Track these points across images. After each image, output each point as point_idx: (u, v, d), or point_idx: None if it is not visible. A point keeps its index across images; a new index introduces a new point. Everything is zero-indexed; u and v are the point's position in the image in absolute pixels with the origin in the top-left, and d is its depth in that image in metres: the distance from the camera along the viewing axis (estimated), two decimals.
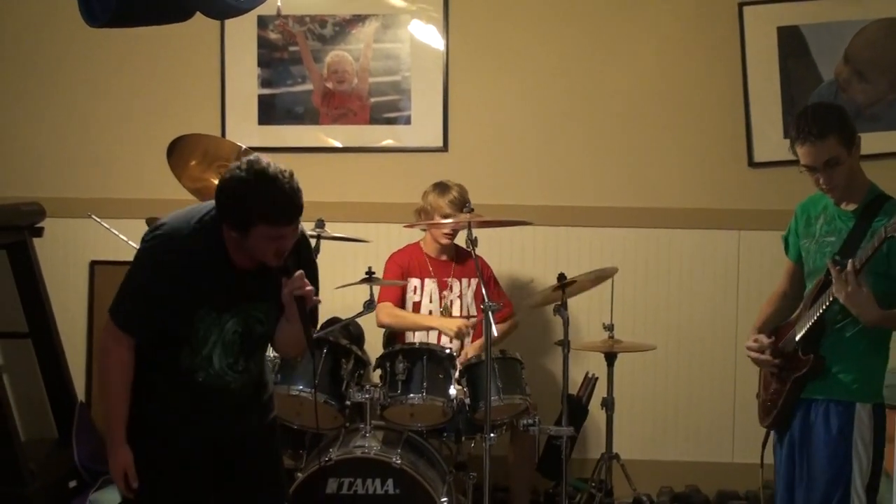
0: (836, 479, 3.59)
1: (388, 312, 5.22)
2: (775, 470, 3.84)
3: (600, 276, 4.94)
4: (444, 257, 5.35)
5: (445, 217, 5.13)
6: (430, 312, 5.28)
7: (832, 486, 3.59)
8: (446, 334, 5.15)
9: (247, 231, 3.17)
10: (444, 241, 5.29)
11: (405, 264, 5.32)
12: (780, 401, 3.74)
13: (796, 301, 3.83)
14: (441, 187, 5.25)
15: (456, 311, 5.27)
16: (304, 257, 3.47)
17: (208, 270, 3.30)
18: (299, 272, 3.30)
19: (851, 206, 3.66)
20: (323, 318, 5.32)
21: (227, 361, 3.40)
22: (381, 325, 5.29)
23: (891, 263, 3.54)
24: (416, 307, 5.29)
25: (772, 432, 3.90)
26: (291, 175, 3.19)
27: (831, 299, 3.52)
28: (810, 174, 3.62)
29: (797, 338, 3.68)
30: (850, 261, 3.45)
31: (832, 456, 3.60)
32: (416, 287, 5.30)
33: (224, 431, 3.50)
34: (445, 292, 5.29)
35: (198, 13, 3.29)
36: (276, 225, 3.16)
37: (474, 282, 5.27)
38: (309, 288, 3.32)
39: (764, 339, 3.81)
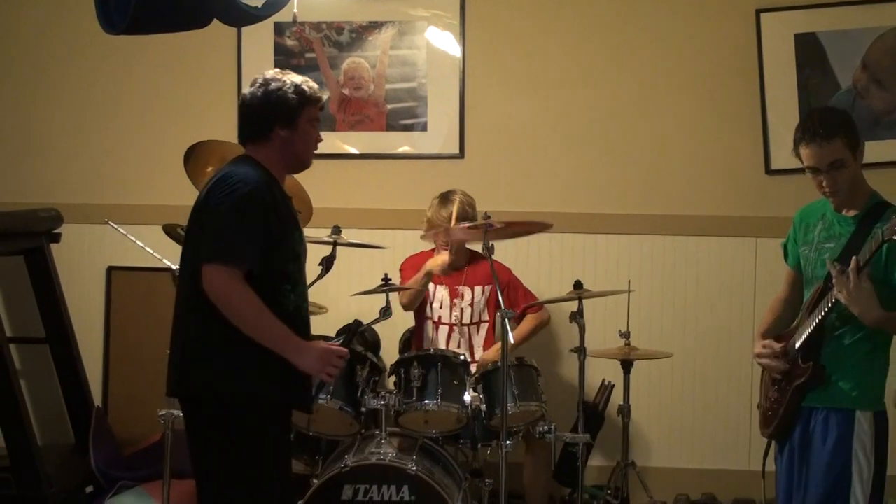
0: (835, 489, 3.53)
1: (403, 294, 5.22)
2: (776, 479, 3.79)
3: (614, 292, 4.96)
4: (458, 264, 5.29)
5: (464, 215, 5.10)
6: (439, 318, 5.25)
7: (831, 495, 3.53)
8: (436, 271, 5.12)
9: (298, 117, 3.62)
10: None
11: (419, 268, 5.30)
12: (780, 410, 3.70)
13: (797, 308, 3.80)
14: (443, 199, 5.21)
15: (466, 319, 5.22)
16: None
17: (281, 196, 3.60)
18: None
19: (852, 213, 3.61)
20: (339, 324, 5.34)
21: (304, 280, 3.66)
22: (405, 307, 5.24)
23: (888, 270, 3.49)
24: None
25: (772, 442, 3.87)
26: None
27: (829, 305, 3.48)
28: (813, 176, 3.57)
29: (797, 345, 3.64)
30: (853, 258, 3.40)
31: (831, 465, 3.54)
32: (427, 293, 5.29)
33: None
34: (457, 300, 5.24)
35: (215, 20, 3.29)
36: (316, 104, 3.70)
37: (489, 288, 5.22)
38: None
39: (775, 345, 3.73)
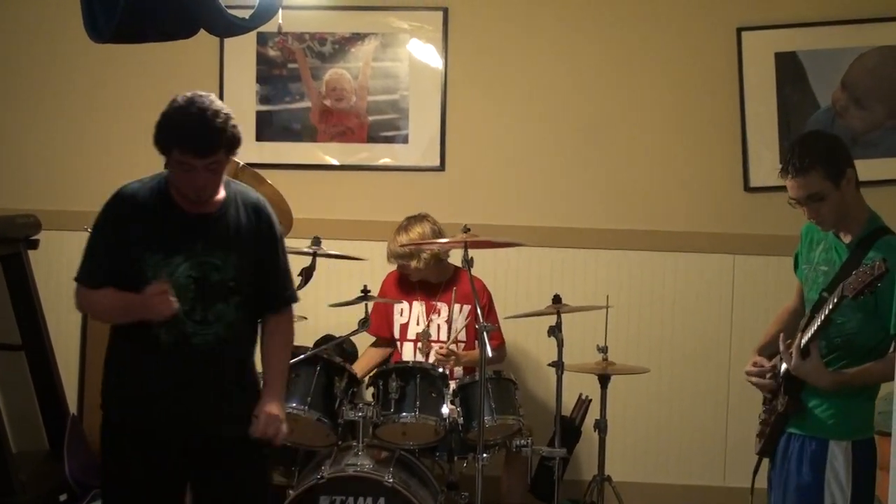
0: None
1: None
2: (767, 496, 3.79)
3: (592, 307, 4.97)
4: (435, 280, 5.30)
5: (398, 254, 5.12)
6: (417, 336, 5.21)
7: None
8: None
9: (167, 157, 3.38)
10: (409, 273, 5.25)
11: (394, 286, 5.31)
12: (767, 430, 3.71)
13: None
14: (399, 229, 5.21)
15: (443, 336, 5.20)
16: (264, 230, 3.64)
17: (155, 214, 3.47)
18: (264, 415, 3.55)
19: (848, 238, 3.56)
20: (317, 335, 5.34)
21: (183, 309, 3.43)
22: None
23: (878, 302, 3.43)
24: (404, 329, 5.27)
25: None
26: (219, 113, 3.42)
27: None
28: (798, 207, 3.55)
29: (782, 370, 3.62)
30: (798, 335, 3.46)
31: (804, 492, 3.55)
32: (402, 310, 5.28)
33: (201, 410, 3.54)
34: (433, 316, 5.24)
35: (201, 30, 3.29)
36: (185, 152, 3.33)
37: (467, 308, 5.20)
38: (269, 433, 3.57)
39: (765, 363, 3.71)
